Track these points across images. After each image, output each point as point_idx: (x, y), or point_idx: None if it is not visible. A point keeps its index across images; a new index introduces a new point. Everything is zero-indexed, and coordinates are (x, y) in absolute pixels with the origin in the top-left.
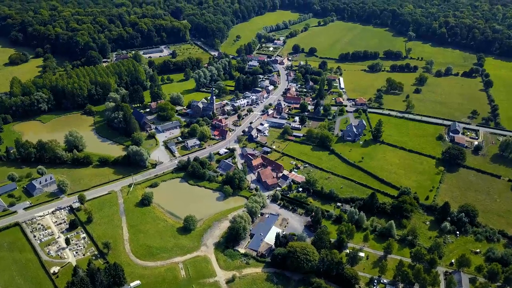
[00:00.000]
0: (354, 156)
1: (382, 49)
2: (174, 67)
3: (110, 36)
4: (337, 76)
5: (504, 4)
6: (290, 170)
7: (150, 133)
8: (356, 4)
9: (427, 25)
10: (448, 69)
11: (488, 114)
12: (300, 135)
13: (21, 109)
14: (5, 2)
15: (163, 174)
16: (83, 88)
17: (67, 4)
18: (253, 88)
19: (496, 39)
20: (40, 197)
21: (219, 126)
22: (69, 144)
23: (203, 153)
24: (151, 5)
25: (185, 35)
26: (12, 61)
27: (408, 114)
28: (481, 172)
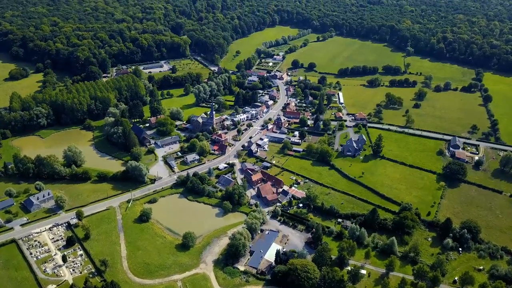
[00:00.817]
0: (355, 171)
1: (381, 64)
2: (174, 82)
3: (111, 51)
4: (337, 91)
5: (501, 20)
6: (290, 185)
7: (149, 148)
8: (354, 20)
9: (425, 40)
10: (447, 84)
11: (488, 129)
12: (300, 150)
13: (20, 124)
14: (6, 18)
15: (162, 189)
16: (83, 103)
17: (68, 20)
18: (253, 103)
19: (494, 54)
20: (37, 213)
21: (218, 141)
22: (68, 159)
23: (202, 168)
24: (152, 21)
25: (185, 51)
26: (12, 76)
27: (408, 129)
28: (483, 188)
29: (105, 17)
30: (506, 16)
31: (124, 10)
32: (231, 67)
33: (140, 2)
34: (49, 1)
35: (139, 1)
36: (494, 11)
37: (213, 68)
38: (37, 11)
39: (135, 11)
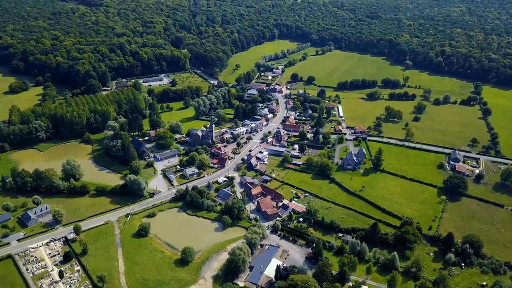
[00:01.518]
0: (355, 185)
1: (380, 78)
2: (174, 95)
3: (111, 65)
4: (336, 104)
5: (498, 34)
6: (290, 199)
7: (149, 161)
8: (353, 33)
9: (423, 54)
10: (446, 97)
11: (488, 142)
12: (300, 163)
13: (19, 137)
14: (8, 32)
15: (161, 203)
16: (82, 116)
17: (69, 34)
18: (252, 116)
19: (492, 67)
20: (34, 228)
21: (218, 154)
22: (66, 173)
23: (201, 181)
24: (152, 34)
25: (185, 64)
26: (12, 89)
27: (408, 142)
28: (484, 202)
29: (105, 31)
30: (503, 30)
31: (125, 24)
32: (231, 81)
33: (141, 16)
34: (50, 15)
35: (140, 15)
36: (491, 25)
37: (213, 81)
38: (38, 25)
39: (135, 25)
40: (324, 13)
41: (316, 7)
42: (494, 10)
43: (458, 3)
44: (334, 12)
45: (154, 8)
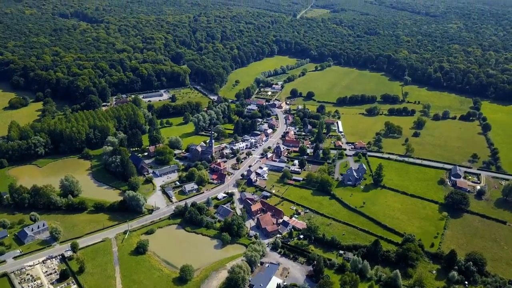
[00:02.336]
0: (355, 201)
1: (379, 93)
2: (174, 111)
3: (111, 80)
4: (335, 120)
5: (495, 50)
6: (290, 216)
7: (148, 177)
8: (352, 49)
9: (422, 69)
10: (445, 112)
11: (488, 157)
12: (300, 179)
13: (18, 153)
14: (9, 48)
15: (160, 220)
16: (82, 132)
17: (70, 50)
18: (252, 131)
19: (491, 83)
20: (31, 245)
21: (217, 170)
22: (65, 189)
23: (201, 198)
24: (152, 50)
25: (185, 80)
26: (12, 105)
27: (408, 158)
28: (486, 218)
29: (106, 47)
30: (500, 46)
31: (125, 40)
32: (231, 96)
33: (141, 32)
34: (52, 31)
35: (140, 32)
36: (488, 41)
37: (213, 97)
38: (39, 41)
39: (136, 41)
40: (323, 29)
41: (315, 24)
42: (491, 27)
43: (455, 20)
44: (333, 28)
45: (154, 24)
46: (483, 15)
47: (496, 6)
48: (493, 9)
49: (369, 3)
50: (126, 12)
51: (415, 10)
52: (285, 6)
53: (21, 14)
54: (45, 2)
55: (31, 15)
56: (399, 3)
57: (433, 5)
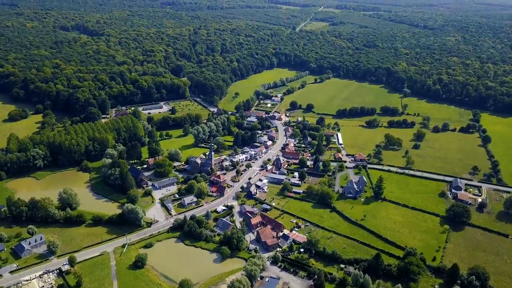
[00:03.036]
0: (356, 214)
1: (379, 105)
2: (173, 123)
3: (111, 92)
4: (335, 132)
5: (494, 62)
6: (290, 229)
7: (147, 190)
8: (351, 62)
9: (421, 82)
10: (445, 124)
11: (489, 170)
12: (300, 192)
13: (16, 165)
14: (10, 61)
15: (158, 233)
16: (81, 144)
17: (70, 63)
18: (252, 143)
19: (490, 95)
20: (28, 259)
21: (217, 182)
22: (63, 202)
23: (200, 210)
24: (152, 63)
25: (185, 92)
26: (12, 117)
27: (409, 170)
28: (488, 231)
29: (106, 60)
30: (498, 59)
31: (125, 53)
32: (230, 108)
33: (141, 45)
34: (52, 44)
35: (140, 44)
36: (486, 54)
37: (212, 109)
38: (39, 54)
39: (136, 54)
40: (322, 42)
41: (314, 37)
42: (488, 39)
43: (453, 33)
44: (332, 41)
45: (154, 37)
46: (481, 28)
47: (493, 20)
48: (490, 22)
49: (368, 16)
50: (126, 25)
51: (413, 23)
52: (285, 19)
53: (22, 27)
54: (47, 16)
55: (32, 28)
56: (397, 16)
57: (431, 18)
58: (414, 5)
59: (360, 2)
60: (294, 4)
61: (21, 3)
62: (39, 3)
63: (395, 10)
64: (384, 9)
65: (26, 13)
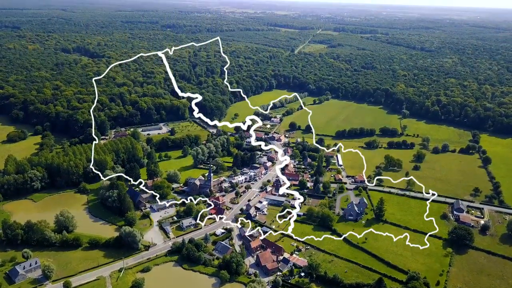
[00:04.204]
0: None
1: (378, 126)
2: (173, 144)
3: (110, 114)
4: (335, 153)
5: (491, 84)
6: (291, 252)
7: (145, 212)
8: (349, 83)
9: (420, 103)
10: (445, 145)
11: (490, 191)
12: (301, 214)
13: (13, 187)
14: (10, 82)
15: (156, 257)
16: (79, 166)
17: (70, 84)
18: (251, 164)
19: (489, 116)
20: (22, 284)
21: (216, 204)
22: (59, 224)
23: (198, 233)
24: (152, 84)
25: (184, 113)
26: (10, 138)
27: (410, 191)
28: (492, 254)
29: (106, 81)
30: (496, 80)
31: (126, 75)
32: (230, 129)
33: (142, 66)
34: (53, 66)
35: (141, 66)
36: (484, 76)
37: (212, 130)
38: (40, 76)
39: (136, 76)
40: (321, 63)
41: (312, 58)
42: (485, 61)
43: (450, 55)
44: (330, 63)
45: (155, 59)
46: (477, 50)
47: (489, 42)
48: (486, 44)
49: (365, 38)
50: (127, 47)
51: (410, 45)
52: (283, 42)
53: (24, 49)
54: (48, 38)
55: (33, 50)
56: (394, 38)
57: (427, 40)
58: (410, 28)
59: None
60: (293, 27)
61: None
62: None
63: (392, 32)
64: (381, 31)
65: (28, 36)
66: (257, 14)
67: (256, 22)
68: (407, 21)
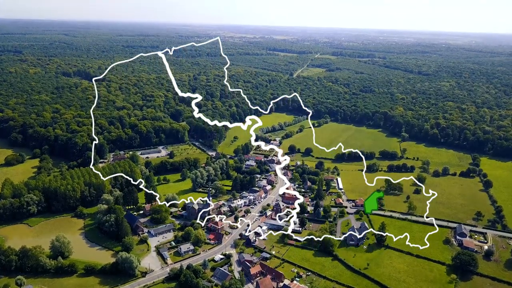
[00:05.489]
0: (359, 263)
1: (378, 149)
2: (171, 167)
3: (109, 137)
4: (335, 176)
5: (489, 107)
6: (291, 279)
7: (142, 237)
8: (348, 106)
9: (419, 126)
10: (445, 169)
11: (493, 215)
12: (301, 239)
13: (9, 211)
14: (10, 106)
15: (153, 284)
16: (76, 189)
17: (70, 107)
18: (251, 187)
19: (488, 139)
20: None
21: (214, 229)
22: (55, 250)
23: (197, 259)
24: (152, 108)
25: (184, 136)
26: (8, 162)
27: (411, 216)
28: (497, 281)
29: (106, 105)
30: (493, 104)
31: (126, 98)
32: (229, 152)
33: (141, 90)
34: (54, 89)
35: (140, 90)
36: (481, 99)
37: (211, 153)
38: (40, 99)
39: (136, 99)
40: (319, 87)
41: (311, 82)
42: (482, 85)
43: (447, 78)
44: (328, 86)
45: (155, 82)
46: (474, 74)
47: (485, 66)
48: (483, 68)
49: (363, 62)
50: (127, 71)
51: (408, 69)
52: (282, 66)
53: (25, 73)
54: (50, 62)
55: (35, 74)
56: (391, 62)
57: (424, 64)
58: (407, 52)
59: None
60: (291, 51)
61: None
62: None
63: (389, 56)
64: (378, 55)
65: (30, 60)
66: (256, 38)
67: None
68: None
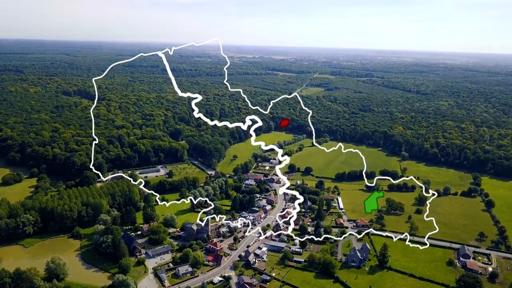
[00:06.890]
0: (361, 285)
1: (378, 169)
2: (170, 186)
3: (108, 156)
4: (335, 196)
5: (488, 126)
6: None
7: (140, 258)
8: (348, 126)
9: (419, 145)
10: (446, 188)
11: (496, 236)
12: (302, 260)
13: (5, 232)
14: (9, 125)
15: None
16: (74, 209)
17: (69, 126)
18: (250, 207)
19: (489, 159)
20: None
21: (213, 250)
22: (50, 272)
23: (195, 282)
24: (151, 127)
25: (183, 155)
26: (5, 181)
27: (413, 236)
28: None
29: (105, 124)
30: (493, 123)
31: (125, 117)
32: (228, 171)
33: (141, 109)
34: (53, 108)
35: (140, 109)
36: (480, 118)
37: (210, 172)
38: (40, 118)
39: (135, 118)
40: (318, 106)
41: (310, 101)
42: (481, 104)
43: (446, 97)
44: (328, 105)
45: (154, 101)
46: (472, 93)
47: (483, 85)
48: (481, 87)
49: (362, 82)
50: (127, 90)
51: (406, 88)
52: (281, 85)
53: (25, 92)
54: (50, 81)
55: (35, 93)
56: (390, 82)
57: (423, 83)
58: (405, 72)
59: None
60: (290, 71)
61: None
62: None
63: (387, 76)
64: (376, 75)
65: (31, 79)
66: (255, 58)
67: (254, 66)
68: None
